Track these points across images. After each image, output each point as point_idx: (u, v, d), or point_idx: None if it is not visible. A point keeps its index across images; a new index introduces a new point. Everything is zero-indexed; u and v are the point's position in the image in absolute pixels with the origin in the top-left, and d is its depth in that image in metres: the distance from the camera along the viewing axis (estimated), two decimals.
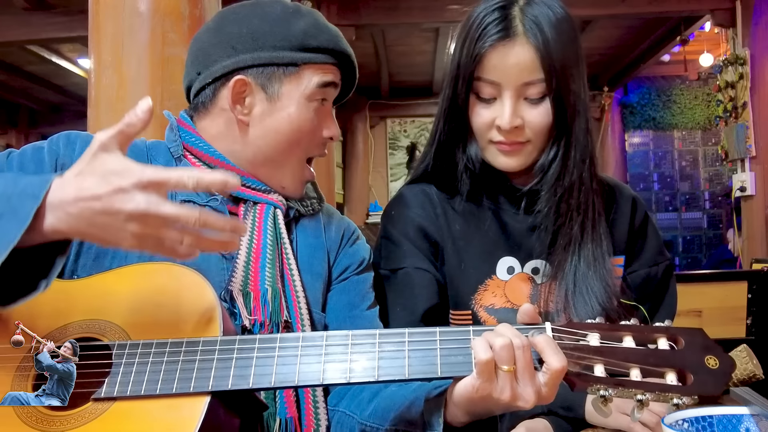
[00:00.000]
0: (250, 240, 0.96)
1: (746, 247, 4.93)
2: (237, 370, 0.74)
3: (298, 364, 0.75)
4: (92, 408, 0.74)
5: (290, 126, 0.99)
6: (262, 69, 0.98)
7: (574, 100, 1.06)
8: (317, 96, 1.00)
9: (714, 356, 0.72)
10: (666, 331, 0.74)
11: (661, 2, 5.28)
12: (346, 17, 5.27)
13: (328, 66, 1.01)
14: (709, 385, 0.70)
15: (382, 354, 0.75)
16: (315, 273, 1.04)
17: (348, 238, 1.10)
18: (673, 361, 0.72)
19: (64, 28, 5.11)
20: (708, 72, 7.25)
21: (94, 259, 0.91)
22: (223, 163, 1.00)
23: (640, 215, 1.21)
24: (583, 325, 0.75)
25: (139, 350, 0.77)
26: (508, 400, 0.71)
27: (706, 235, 8.22)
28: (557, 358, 0.70)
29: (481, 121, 1.09)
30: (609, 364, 0.72)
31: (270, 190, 1.02)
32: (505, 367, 0.70)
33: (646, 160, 8.34)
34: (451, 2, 5.14)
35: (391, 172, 8.51)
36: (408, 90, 8.19)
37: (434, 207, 1.17)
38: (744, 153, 4.80)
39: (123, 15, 1.89)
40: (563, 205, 1.09)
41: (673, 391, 0.70)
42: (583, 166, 1.09)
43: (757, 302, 2.21)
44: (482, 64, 1.06)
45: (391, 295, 1.12)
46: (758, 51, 4.73)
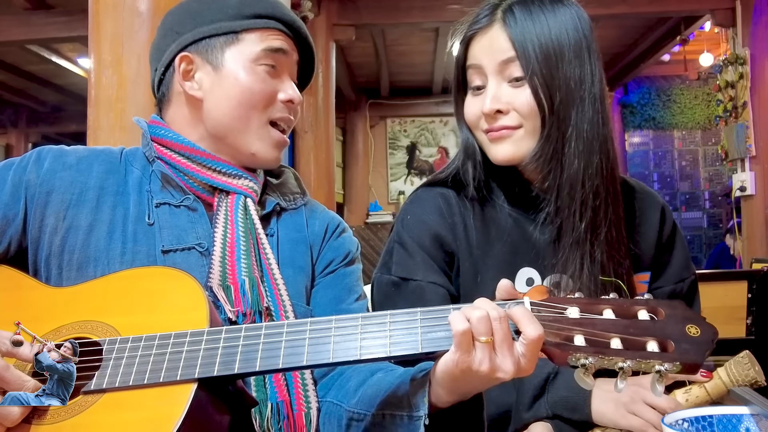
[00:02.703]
0: (224, 233, 0.97)
1: (746, 247, 4.93)
2: (223, 357, 0.76)
3: (282, 349, 0.76)
4: (82, 400, 0.75)
5: (240, 89, 1.01)
6: (203, 42, 1.02)
7: (568, 86, 1.03)
8: (263, 60, 1.02)
9: (695, 325, 0.71)
10: (646, 304, 0.74)
11: (661, 2, 5.28)
12: (346, 17, 5.28)
13: (270, 31, 1.03)
14: (691, 353, 0.69)
15: (365, 335, 0.76)
16: (297, 267, 1.03)
17: (332, 232, 1.10)
18: (654, 331, 0.71)
19: (64, 28, 5.11)
20: (708, 72, 7.26)
21: (77, 270, 0.93)
22: (193, 150, 1.01)
23: (669, 226, 1.16)
24: (563, 300, 0.76)
25: (129, 344, 0.78)
26: (487, 372, 0.71)
27: (706, 235, 8.22)
28: (533, 327, 0.71)
29: (470, 111, 1.10)
30: (589, 335, 0.72)
31: (242, 175, 1.02)
32: (483, 338, 0.71)
33: (646, 160, 8.34)
34: (451, 2, 5.15)
35: (391, 172, 8.51)
36: (408, 90, 8.19)
37: (452, 214, 1.13)
38: (744, 153, 4.80)
39: (123, 15, 1.89)
40: (564, 198, 1.03)
41: (654, 359, 0.69)
42: (588, 160, 1.02)
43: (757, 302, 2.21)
44: (468, 53, 1.11)
45: (401, 303, 1.08)
46: (758, 51, 4.73)
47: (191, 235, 0.97)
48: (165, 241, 0.95)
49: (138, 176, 1.01)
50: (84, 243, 0.94)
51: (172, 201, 0.99)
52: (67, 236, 0.94)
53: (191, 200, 1.00)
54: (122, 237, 0.95)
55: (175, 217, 0.98)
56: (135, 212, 0.97)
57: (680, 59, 6.32)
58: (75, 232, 0.94)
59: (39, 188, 0.95)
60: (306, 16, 4.39)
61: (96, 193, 0.97)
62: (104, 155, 1.03)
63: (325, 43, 5.13)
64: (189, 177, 1.01)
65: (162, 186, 1.00)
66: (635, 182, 1.20)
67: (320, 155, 5.05)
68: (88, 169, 0.99)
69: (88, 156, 1.01)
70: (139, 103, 1.83)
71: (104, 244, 0.94)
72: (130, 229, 0.96)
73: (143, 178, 1.01)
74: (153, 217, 0.97)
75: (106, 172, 1.00)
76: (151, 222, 0.97)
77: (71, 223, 0.95)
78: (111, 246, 0.94)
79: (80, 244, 0.94)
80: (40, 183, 0.95)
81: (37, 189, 0.95)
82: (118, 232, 0.95)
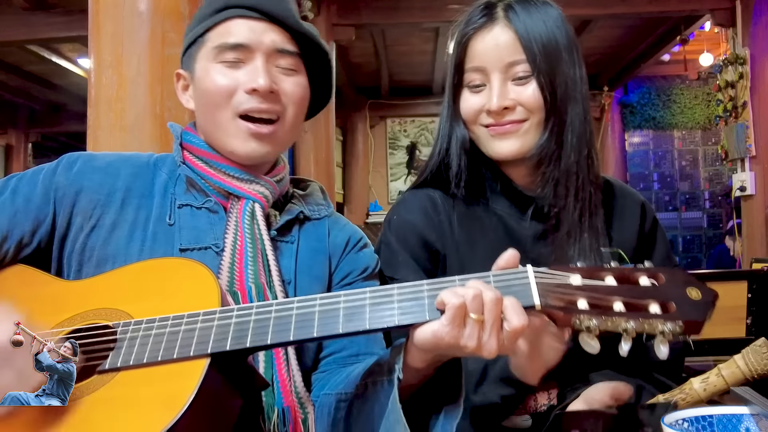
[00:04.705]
0: (234, 239, 0.98)
1: (746, 247, 4.93)
2: (235, 333, 0.77)
3: (293, 323, 0.78)
4: (98, 380, 0.77)
5: (201, 92, 1.02)
6: (186, 54, 1.05)
7: (566, 84, 1.08)
8: (220, 57, 0.99)
9: (696, 288, 0.73)
10: (647, 271, 0.76)
11: (661, 2, 5.28)
12: (346, 17, 5.28)
13: (232, 21, 0.99)
14: (693, 313, 0.71)
15: (373, 308, 0.78)
16: (314, 275, 1.04)
17: (353, 246, 1.10)
18: (655, 294, 0.73)
19: (64, 28, 5.11)
20: (708, 72, 7.25)
21: (95, 267, 0.94)
22: (211, 155, 1.03)
23: (649, 222, 1.21)
24: (566, 268, 0.78)
25: (143, 326, 0.80)
26: (473, 349, 0.74)
27: (706, 235, 8.22)
28: (519, 317, 0.73)
29: (469, 106, 1.12)
30: (592, 299, 0.73)
31: (254, 180, 1.02)
32: (474, 315, 0.73)
33: (646, 160, 8.34)
34: (451, 2, 5.14)
35: (391, 171, 8.51)
36: (408, 90, 8.18)
37: (438, 213, 1.16)
38: (744, 153, 4.80)
39: (123, 15, 1.90)
40: (561, 188, 1.09)
41: (656, 319, 0.71)
42: (580, 153, 1.09)
43: (757, 302, 2.21)
44: (468, 53, 1.11)
45: None
46: (758, 51, 4.73)
47: (209, 235, 0.99)
48: (183, 241, 0.97)
49: (164, 179, 1.03)
50: (105, 241, 0.96)
51: (194, 203, 1.01)
52: (91, 234, 0.96)
53: (212, 203, 1.01)
54: (142, 236, 0.97)
55: (195, 218, 0.99)
56: (157, 213, 0.99)
57: (680, 59, 6.32)
58: (98, 231, 0.96)
59: (68, 189, 0.97)
60: (306, 16, 4.39)
61: (122, 195, 0.99)
62: (133, 159, 1.05)
63: (325, 43, 5.12)
64: (207, 182, 1.02)
65: (186, 189, 1.02)
66: (616, 181, 1.25)
67: (320, 155, 5.05)
68: (117, 172, 1.01)
69: (116, 160, 1.04)
70: (139, 103, 1.83)
71: (124, 243, 0.96)
72: (151, 229, 0.97)
73: (169, 181, 1.03)
74: (174, 218, 0.99)
75: (133, 175, 1.02)
76: (171, 222, 0.98)
77: (96, 223, 0.97)
78: (130, 245, 0.96)
79: (101, 242, 0.96)
80: (69, 184, 0.98)
81: (66, 190, 0.97)
82: (139, 231, 0.97)
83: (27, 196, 0.96)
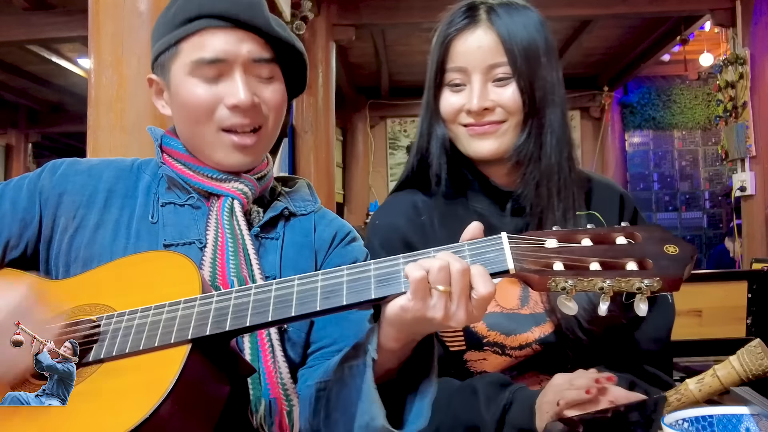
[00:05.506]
0: (216, 235, 0.98)
1: (746, 247, 4.93)
2: (215, 318, 0.78)
3: (271, 305, 0.78)
4: (81, 372, 0.77)
5: (180, 105, 1.00)
6: (158, 60, 1.02)
7: (545, 87, 1.11)
8: (197, 72, 0.97)
9: (673, 244, 0.72)
10: (623, 230, 0.75)
11: (661, 2, 5.28)
12: (346, 17, 5.28)
13: (208, 31, 0.96)
14: (670, 268, 0.70)
15: (347, 284, 0.79)
16: (298, 270, 1.03)
17: (341, 240, 1.10)
18: (632, 252, 0.72)
19: (64, 28, 5.11)
20: (708, 72, 7.25)
21: (82, 267, 0.96)
22: (188, 157, 1.03)
23: (629, 212, 1.22)
24: (541, 233, 0.77)
25: (126, 317, 0.81)
26: (441, 319, 0.74)
27: (706, 235, 8.22)
28: (486, 285, 0.74)
29: (448, 105, 1.14)
30: (567, 261, 0.73)
31: (232, 178, 1.02)
32: (441, 287, 0.73)
33: (646, 160, 8.34)
34: (451, 2, 5.14)
35: (391, 172, 8.51)
36: (408, 90, 8.17)
37: (419, 214, 1.18)
38: (744, 153, 4.81)
39: (123, 15, 1.89)
40: (543, 189, 1.11)
41: (633, 276, 0.70)
42: (560, 155, 1.12)
43: (757, 302, 2.21)
44: (450, 53, 1.13)
45: None
46: (758, 51, 4.73)
47: (193, 231, 1.00)
48: (167, 237, 0.98)
49: (147, 181, 1.04)
50: (89, 241, 0.97)
51: (177, 201, 1.02)
52: (75, 235, 0.98)
53: (195, 199, 1.02)
54: (126, 234, 0.98)
55: (178, 215, 1.01)
56: (140, 212, 1.00)
57: (680, 59, 6.32)
58: (82, 232, 0.98)
59: (52, 191, 1.00)
60: (306, 16, 4.40)
61: (105, 195, 1.01)
62: (116, 163, 1.07)
63: (325, 43, 5.13)
64: (187, 183, 1.03)
65: (168, 188, 1.03)
66: (596, 175, 1.27)
67: (320, 155, 5.05)
68: (99, 175, 1.03)
69: (99, 164, 1.06)
70: (139, 103, 1.83)
71: (108, 242, 0.97)
72: (134, 227, 0.99)
73: (152, 182, 1.04)
74: (157, 215, 1.00)
75: (116, 178, 1.04)
76: (154, 221, 1.00)
77: (80, 223, 0.99)
78: (115, 243, 0.97)
79: (86, 242, 0.97)
80: (53, 186, 1.00)
81: (50, 193, 0.99)
82: (123, 230, 0.99)
83: (13, 199, 0.98)
